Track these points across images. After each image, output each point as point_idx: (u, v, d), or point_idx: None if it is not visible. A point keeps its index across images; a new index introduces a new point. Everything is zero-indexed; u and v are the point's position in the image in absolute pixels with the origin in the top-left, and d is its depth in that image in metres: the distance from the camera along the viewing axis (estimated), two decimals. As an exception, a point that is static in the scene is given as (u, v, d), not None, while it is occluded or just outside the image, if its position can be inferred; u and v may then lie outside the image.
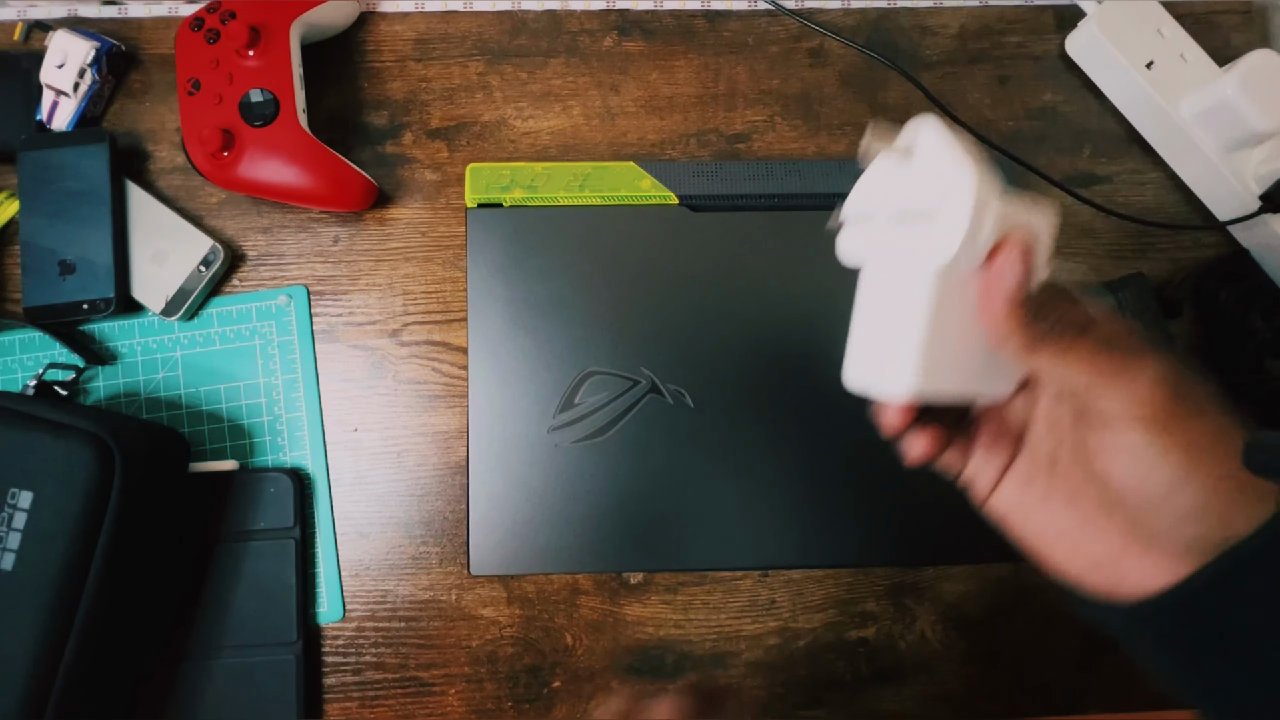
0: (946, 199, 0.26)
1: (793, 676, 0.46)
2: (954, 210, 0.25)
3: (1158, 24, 0.48)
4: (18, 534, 0.37)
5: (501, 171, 0.43)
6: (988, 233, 0.26)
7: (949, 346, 0.28)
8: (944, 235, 0.26)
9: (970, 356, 0.29)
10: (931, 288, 0.27)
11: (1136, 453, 0.27)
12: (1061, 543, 0.31)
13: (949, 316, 0.28)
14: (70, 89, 0.45)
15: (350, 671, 0.45)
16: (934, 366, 0.28)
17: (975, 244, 0.26)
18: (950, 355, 0.29)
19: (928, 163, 0.27)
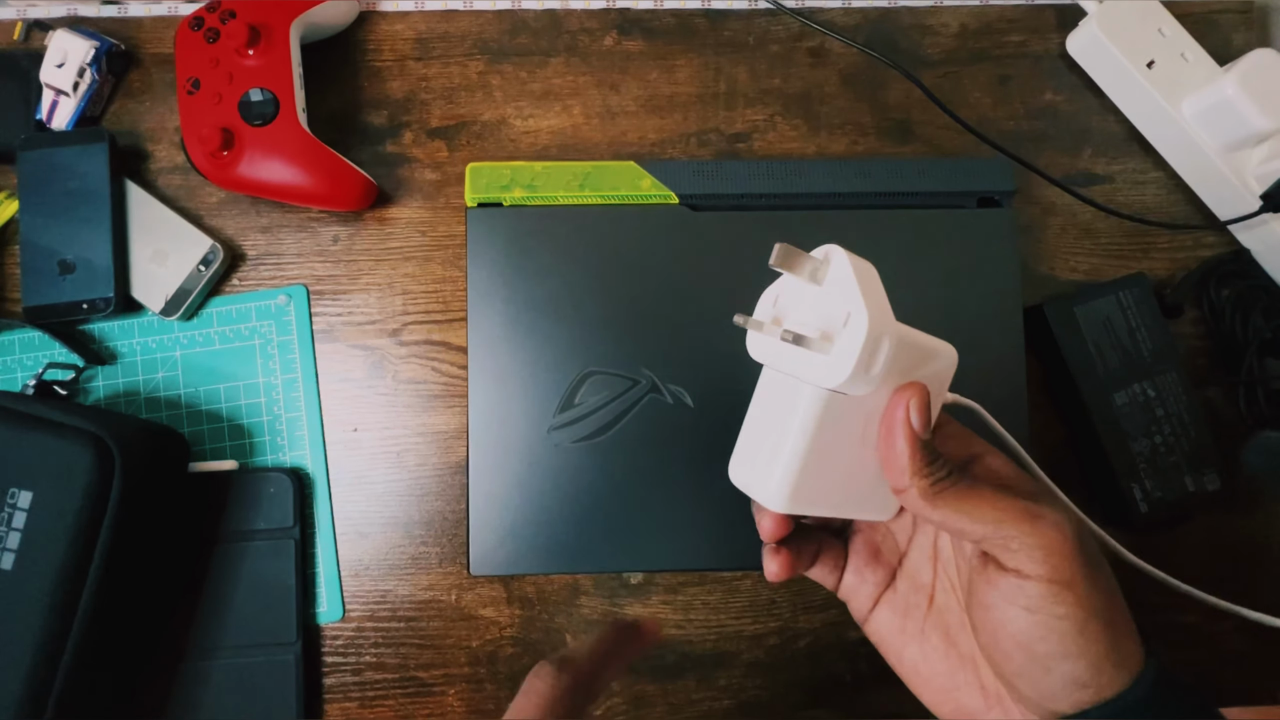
0: (842, 329, 0.26)
1: (793, 677, 0.46)
2: (847, 342, 0.26)
3: (1158, 23, 0.48)
4: (17, 534, 0.37)
5: (501, 171, 0.43)
6: (878, 369, 0.26)
7: (832, 468, 0.29)
8: (835, 363, 0.26)
9: (854, 480, 0.30)
10: (817, 409, 0.27)
11: (1034, 613, 0.26)
12: (933, 683, 0.30)
13: (835, 439, 0.28)
14: (70, 88, 0.45)
15: (350, 672, 0.45)
16: (812, 485, 0.28)
17: (865, 376, 0.26)
18: (832, 476, 0.29)
19: (832, 289, 0.27)
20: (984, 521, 0.27)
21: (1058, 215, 0.49)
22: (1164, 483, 0.44)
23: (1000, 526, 0.27)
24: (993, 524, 0.27)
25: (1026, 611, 0.26)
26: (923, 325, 0.43)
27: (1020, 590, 0.26)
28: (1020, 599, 0.26)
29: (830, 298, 0.27)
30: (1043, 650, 0.26)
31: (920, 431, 0.28)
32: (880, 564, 0.33)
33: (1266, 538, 0.48)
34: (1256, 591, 0.47)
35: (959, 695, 0.30)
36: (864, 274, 0.27)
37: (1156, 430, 0.45)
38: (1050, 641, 0.26)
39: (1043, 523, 0.26)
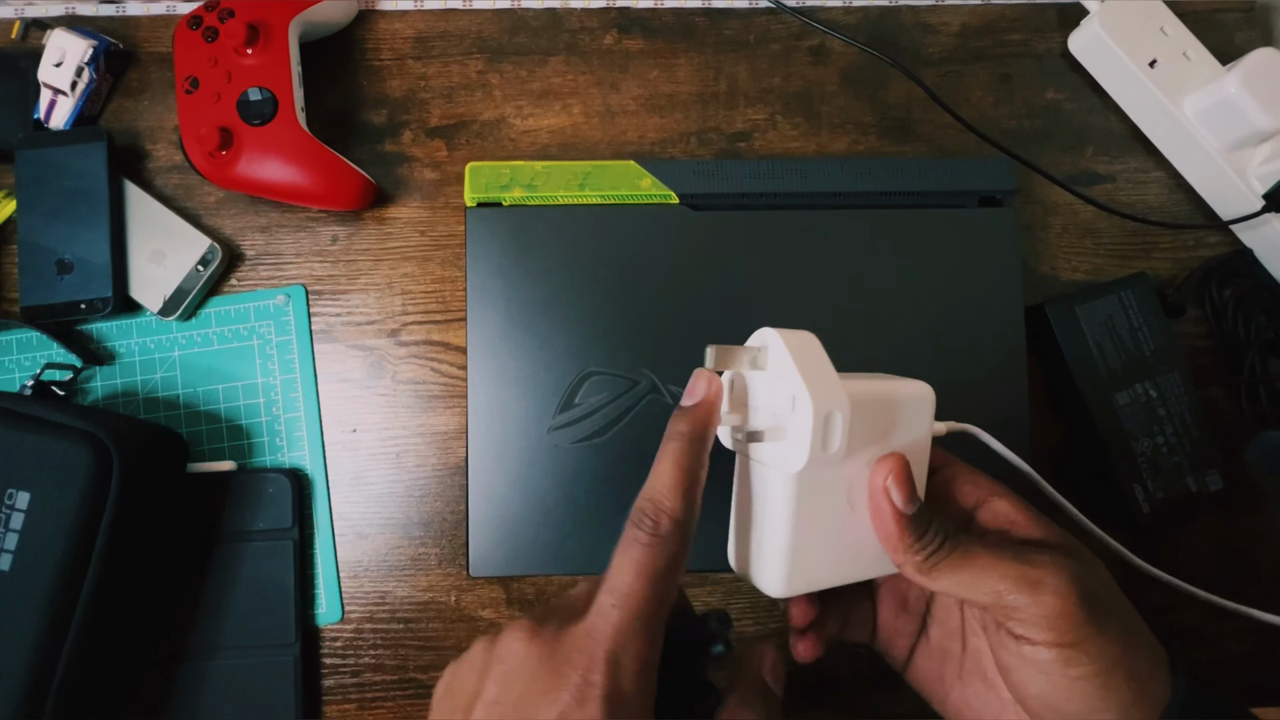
0: (791, 414, 0.26)
1: (793, 677, 0.46)
2: (798, 427, 0.26)
3: (1160, 22, 0.48)
4: (15, 534, 0.37)
5: (501, 170, 0.43)
6: (837, 443, 0.26)
7: (826, 540, 0.28)
8: (792, 450, 0.26)
9: (852, 546, 0.29)
10: (792, 493, 0.27)
11: (1050, 676, 0.26)
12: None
13: (821, 513, 0.28)
14: (68, 87, 0.45)
15: (349, 673, 0.45)
16: (809, 563, 0.28)
17: (825, 455, 0.26)
18: (829, 548, 0.29)
19: (775, 373, 0.27)
20: (984, 593, 0.26)
21: (1059, 215, 0.49)
22: (1166, 483, 0.44)
23: (1001, 597, 0.26)
24: (994, 595, 0.26)
25: (1044, 675, 0.26)
26: (923, 325, 0.43)
27: (1033, 655, 0.26)
28: (1033, 664, 0.26)
29: (776, 382, 0.27)
30: (1069, 709, 0.26)
31: (904, 507, 0.28)
32: (909, 613, 0.32)
33: (1269, 538, 0.47)
34: (1260, 592, 0.47)
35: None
36: (802, 351, 0.27)
37: (1158, 430, 0.44)
38: (1075, 700, 0.26)
39: (1042, 589, 0.26)
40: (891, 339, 0.43)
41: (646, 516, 0.25)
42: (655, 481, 0.26)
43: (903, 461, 0.28)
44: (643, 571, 0.24)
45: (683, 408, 0.27)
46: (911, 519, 0.28)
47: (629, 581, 0.24)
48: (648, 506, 0.25)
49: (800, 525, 0.27)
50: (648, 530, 0.25)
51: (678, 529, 0.25)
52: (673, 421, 0.27)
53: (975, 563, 0.27)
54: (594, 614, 0.24)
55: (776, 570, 0.28)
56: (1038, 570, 0.26)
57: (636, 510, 0.25)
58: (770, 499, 0.28)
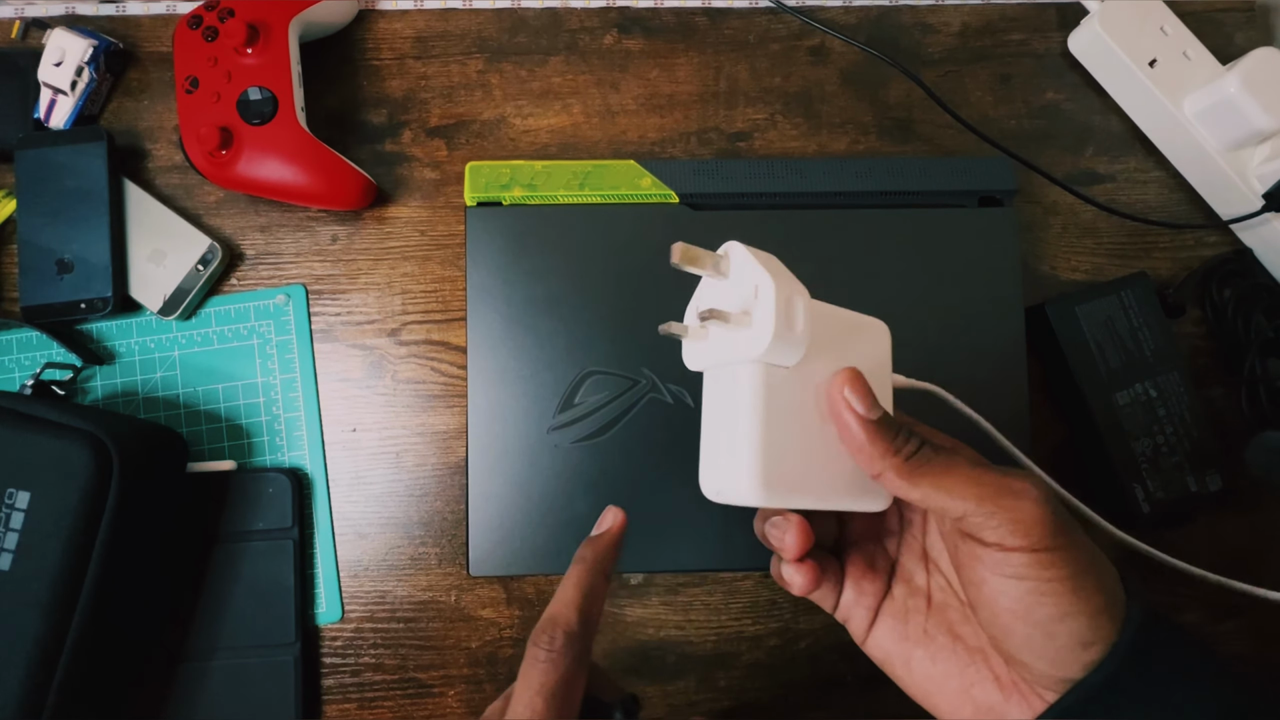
0: (755, 301, 0.27)
1: (794, 678, 0.46)
2: (762, 307, 0.27)
3: (1160, 22, 0.48)
4: (15, 534, 0.37)
5: (501, 170, 0.43)
6: (799, 327, 0.27)
7: (801, 453, 0.28)
8: (757, 330, 0.27)
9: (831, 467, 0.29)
10: (759, 384, 0.27)
11: (1023, 582, 0.27)
12: (947, 686, 0.30)
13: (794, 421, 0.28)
14: (68, 87, 0.45)
15: (349, 673, 0.45)
16: (785, 470, 0.28)
17: (790, 336, 0.27)
18: (806, 463, 0.29)
19: (737, 275, 0.28)
20: (964, 498, 0.27)
21: (1059, 214, 0.49)
22: (1166, 483, 0.44)
23: (980, 504, 0.27)
24: (973, 500, 0.27)
25: (1016, 580, 0.27)
26: (923, 325, 0.43)
27: (1005, 562, 0.27)
28: (1007, 569, 0.27)
29: (738, 283, 0.28)
30: (1041, 615, 0.27)
31: (866, 413, 0.28)
32: (875, 576, 0.32)
33: (1269, 538, 0.47)
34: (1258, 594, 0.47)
35: (975, 692, 0.30)
36: (765, 256, 0.28)
37: (1158, 430, 0.44)
38: (1046, 605, 0.26)
39: (1022, 496, 0.27)
40: (891, 339, 0.43)
41: (544, 633, 0.27)
42: (555, 602, 0.28)
43: (856, 372, 0.29)
44: (542, 689, 0.27)
45: (591, 538, 0.31)
46: (878, 424, 0.28)
47: (529, 703, 0.26)
48: (546, 624, 0.28)
49: (770, 420, 0.27)
50: (544, 647, 0.27)
51: (572, 642, 0.27)
52: (580, 548, 0.30)
53: (957, 470, 0.28)
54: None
55: (752, 469, 0.27)
56: (1018, 482, 0.27)
57: (536, 630, 0.28)
58: (740, 397, 0.28)
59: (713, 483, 0.29)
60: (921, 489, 0.27)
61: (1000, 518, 0.26)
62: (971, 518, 0.27)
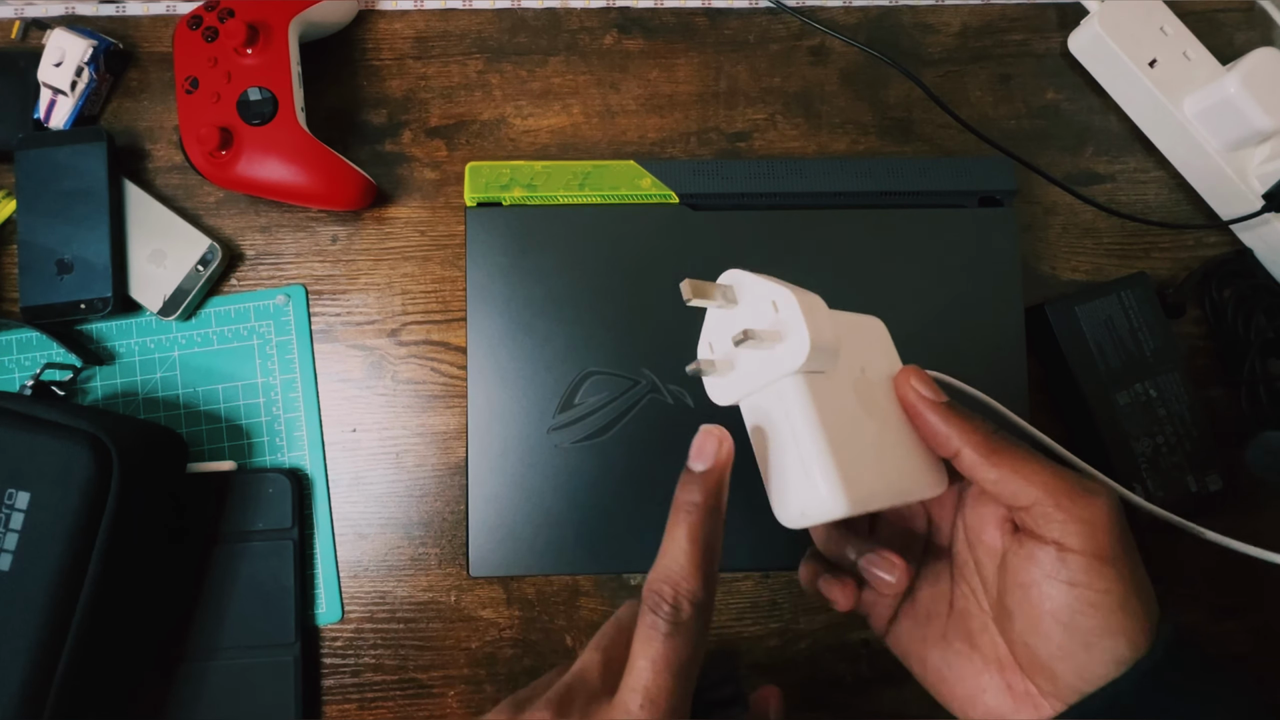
0: (777, 315, 0.27)
1: (794, 678, 0.46)
2: (789, 317, 0.26)
3: (1160, 22, 0.48)
4: (15, 534, 0.37)
5: (501, 170, 0.43)
6: (829, 331, 0.27)
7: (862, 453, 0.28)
8: (793, 339, 0.26)
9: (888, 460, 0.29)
10: (807, 395, 0.27)
11: (1074, 589, 0.26)
12: (959, 688, 0.30)
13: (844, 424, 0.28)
14: (68, 87, 0.45)
15: (349, 673, 0.45)
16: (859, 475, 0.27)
17: (825, 340, 0.26)
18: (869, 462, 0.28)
19: (748, 298, 0.28)
20: (1037, 486, 0.27)
21: (1059, 215, 0.49)
22: (1166, 483, 0.44)
23: (1051, 494, 0.26)
24: (1045, 490, 0.26)
25: (1068, 586, 0.26)
26: (923, 325, 0.43)
27: (1061, 564, 0.26)
28: (1062, 573, 0.26)
29: (751, 306, 0.28)
30: (1084, 625, 0.26)
31: (936, 398, 0.29)
32: None
33: (1269, 538, 0.47)
34: (1259, 592, 0.47)
35: (986, 698, 0.29)
36: (768, 277, 0.28)
37: (1158, 430, 0.44)
38: (1093, 616, 0.26)
39: (1093, 498, 0.26)
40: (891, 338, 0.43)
41: (664, 601, 0.23)
42: (669, 559, 0.24)
43: (915, 367, 0.30)
44: (668, 666, 0.23)
45: (691, 472, 0.25)
46: (949, 406, 0.29)
47: (654, 678, 0.23)
48: (665, 590, 0.24)
49: (832, 432, 0.27)
50: (666, 618, 0.23)
51: (698, 613, 0.24)
52: (682, 489, 0.25)
53: (1034, 459, 0.27)
54: (621, 711, 0.23)
55: (832, 481, 0.26)
56: (1092, 483, 0.27)
57: (651, 594, 0.24)
58: (792, 415, 0.27)
59: (793, 507, 0.28)
60: (1000, 470, 0.27)
61: (1068, 513, 0.26)
62: (1039, 507, 0.27)
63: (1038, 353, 0.47)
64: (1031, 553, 0.27)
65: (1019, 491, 0.27)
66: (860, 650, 0.46)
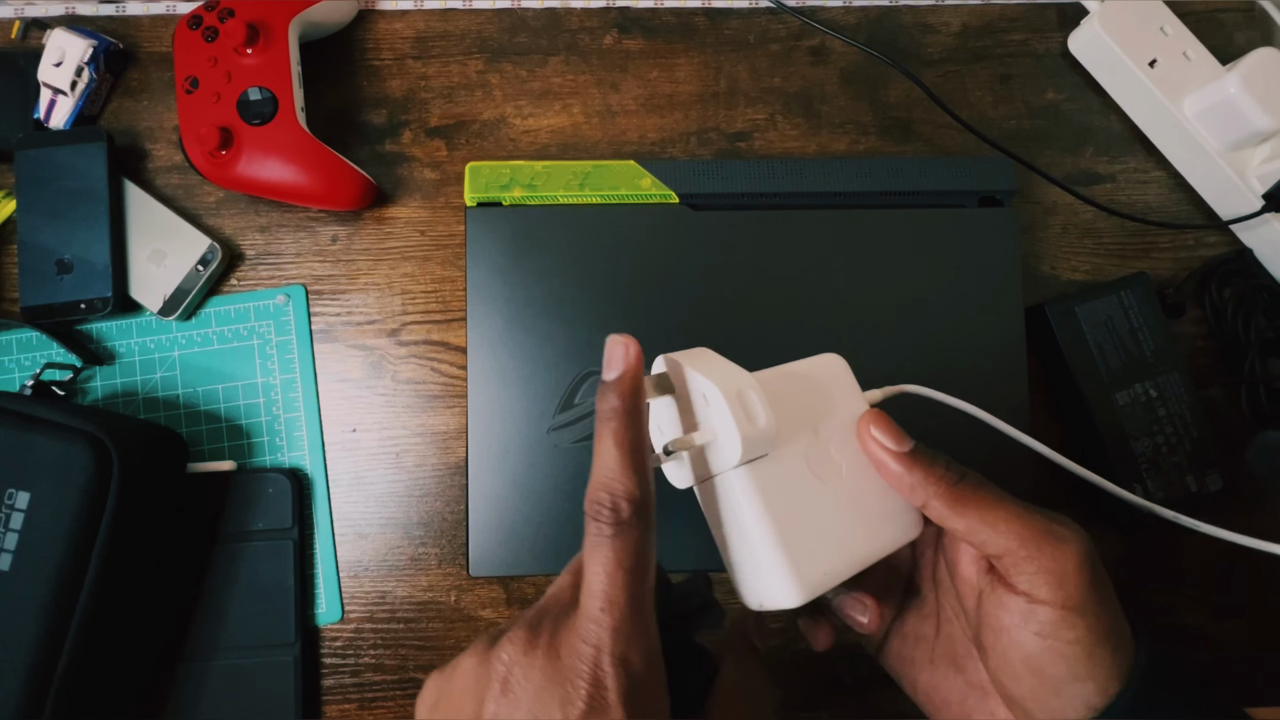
0: (709, 408, 0.27)
1: (794, 678, 0.46)
2: (718, 415, 0.26)
3: (1160, 22, 0.48)
4: (15, 534, 0.37)
5: (501, 170, 0.43)
6: (763, 419, 0.26)
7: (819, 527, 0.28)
8: (724, 439, 0.26)
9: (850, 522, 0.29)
10: (751, 487, 0.27)
11: (1045, 639, 0.26)
12: (946, 711, 0.30)
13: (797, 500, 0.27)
14: (68, 87, 0.45)
15: (349, 673, 0.45)
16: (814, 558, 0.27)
17: (757, 430, 0.26)
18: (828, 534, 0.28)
19: (683, 391, 0.28)
20: (1006, 536, 0.26)
21: (1059, 215, 0.49)
22: (1166, 483, 0.44)
23: (1022, 544, 0.26)
24: (1016, 540, 0.26)
25: (1038, 636, 0.26)
26: (923, 325, 0.43)
27: (1032, 614, 0.26)
28: (1032, 624, 0.26)
29: (686, 397, 0.28)
30: (1053, 674, 0.26)
31: (898, 447, 0.28)
32: (888, 597, 0.32)
33: (1269, 538, 0.47)
34: (1259, 592, 0.47)
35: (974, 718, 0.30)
36: (697, 358, 0.28)
37: (1158, 430, 0.44)
38: (1061, 665, 0.26)
39: (1064, 545, 0.26)
40: (891, 339, 0.43)
41: (604, 507, 0.24)
42: (601, 467, 0.25)
43: (877, 412, 0.29)
44: (619, 565, 0.23)
45: (606, 382, 0.26)
46: (912, 455, 0.28)
47: (608, 580, 0.23)
48: (602, 496, 0.24)
49: (778, 516, 0.27)
50: (608, 520, 0.24)
51: (638, 510, 0.24)
52: (600, 399, 0.26)
53: (1002, 506, 0.27)
54: (585, 619, 0.23)
55: (782, 574, 0.26)
56: (1062, 528, 0.27)
57: (591, 503, 0.24)
58: (738, 507, 0.27)
59: (753, 595, 0.28)
60: (967, 519, 0.27)
61: (1039, 563, 0.26)
62: (1009, 558, 0.27)
63: (1038, 353, 0.47)
64: (1003, 600, 0.27)
65: (988, 541, 0.27)
66: (860, 651, 0.46)
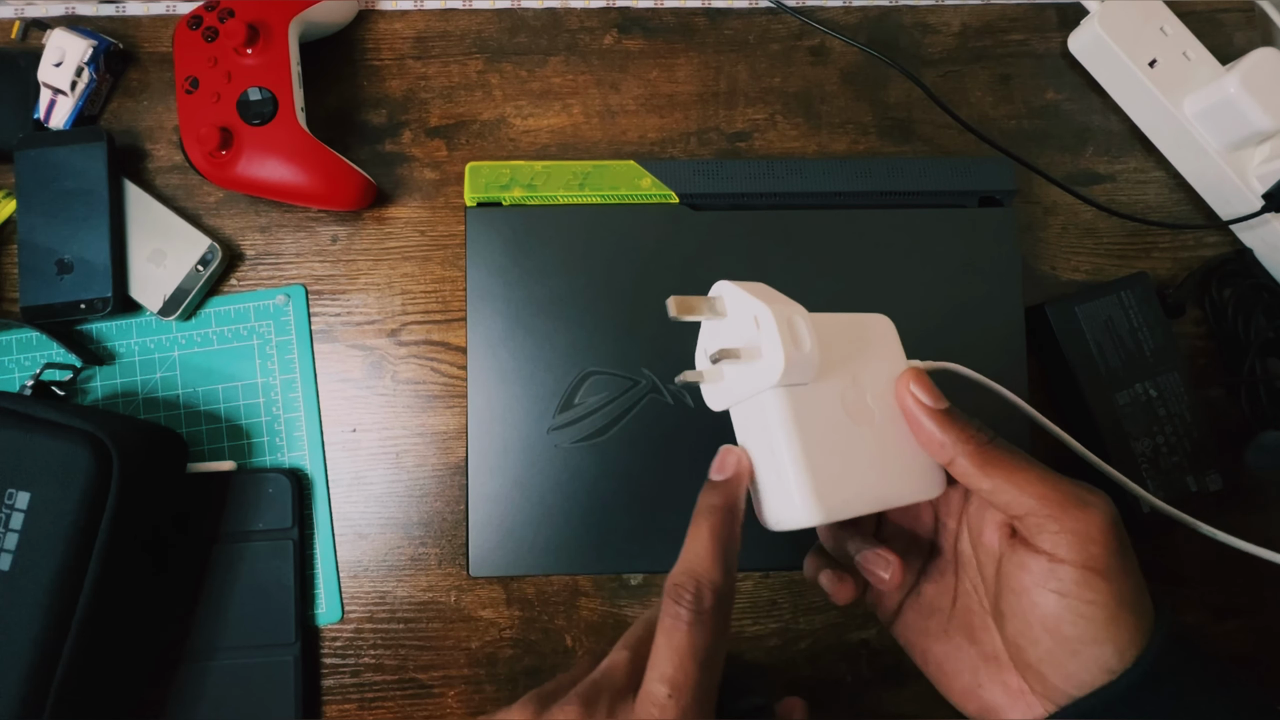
0: (757, 331, 0.27)
1: (794, 678, 0.46)
2: (767, 335, 0.27)
3: (1160, 22, 0.48)
4: (15, 534, 0.37)
5: (501, 170, 0.43)
6: (808, 345, 0.27)
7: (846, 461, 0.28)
8: (769, 357, 0.27)
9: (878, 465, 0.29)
10: (787, 407, 0.27)
11: (1065, 597, 0.26)
12: (958, 681, 0.31)
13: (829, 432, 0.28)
14: (68, 87, 0.45)
15: (349, 673, 0.45)
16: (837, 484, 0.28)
17: (801, 356, 0.27)
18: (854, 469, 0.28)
19: (734, 311, 0.29)
20: (1031, 496, 0.27)
21: (1059, 215, 0.49)
22: (1166, 483, 0.44)
23: (1046, 504, 0.26)
24: (1040, 501, 0.27)
25: (1058, 595, 0.26)
26: (923, 325, 0.43)
27: (1052, 574, 0.26)
28: (1052, 583, 0.26)
29: (737, 320, 0.29)
30: (1071, 634, 0.26)
31: (935, 404, 0.29)
32: (909, 565, 0.33)
33: (1269, 538, 0.47)
34: (1259, 592, 0.47)
35: (983, 692, 0.30)
36: (755, 287, 0.29)
37: (1158, 430, 0.44)
38: (1080, 626, 0.26)
39: (1088, 510, 0.26)
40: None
41: (686, 592, 0.24)
42: (691, 555, 0.25)
43: (917, 370, 0.30)
44: (693, 654, 0.23)
45: (713, 482, 0.27)
46: (947, 413, 0.28)
47: (679, 667, 0.23)
48: (686, 581, 0.24)
49: (807, 438, 0.27)
50: (688, 606, 0.24)
51: (720, 602, 0.24)
52: (704, 495, 0.27)
53: (1029, 468, 0.27)
54: (648, 701, 0.23)
55: (804, 492, 0.27)
56: (1088, 493, 0.27)
57: (673, 587, 0.25)
58: (771, 425, 0.28)
59: (772, 513, 0.29)
60: (993, 479, 0.27)
61: (1062, 524, 0.26)
62: (1033, 518, 0.27)
63: (1038, 352, 0.47)
64: (1024, 560, 0.27)
65: (1013, 501, 0.27)
66: (860, 650, 0.46)
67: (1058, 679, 0.27)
